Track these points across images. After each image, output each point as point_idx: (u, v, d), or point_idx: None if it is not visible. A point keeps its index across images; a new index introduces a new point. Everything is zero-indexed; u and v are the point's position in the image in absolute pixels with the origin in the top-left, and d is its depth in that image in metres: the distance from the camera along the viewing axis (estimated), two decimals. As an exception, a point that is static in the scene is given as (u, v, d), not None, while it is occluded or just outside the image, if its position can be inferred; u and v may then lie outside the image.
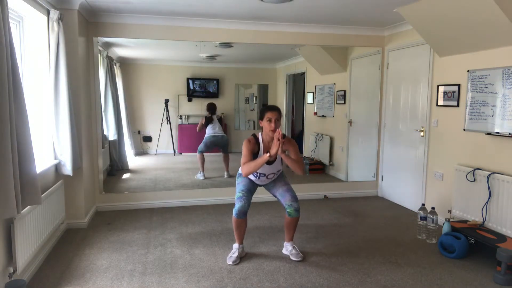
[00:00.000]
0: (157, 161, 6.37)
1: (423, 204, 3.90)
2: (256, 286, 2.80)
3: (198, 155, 5.78)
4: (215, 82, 6.42)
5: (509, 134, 3.37)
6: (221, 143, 5.94)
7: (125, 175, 5.87)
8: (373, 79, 5.36)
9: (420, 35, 4.18)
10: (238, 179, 3.34)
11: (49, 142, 3.59)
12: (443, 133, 4.21)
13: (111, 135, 5.56)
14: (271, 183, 3.36)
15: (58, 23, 3.43)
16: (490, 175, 3.53)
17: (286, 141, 3.13)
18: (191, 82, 6.34)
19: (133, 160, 6.23)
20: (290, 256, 3.27)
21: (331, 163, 6.18)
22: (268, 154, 2.96)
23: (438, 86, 4.24)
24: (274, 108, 3.13)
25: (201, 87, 6.41)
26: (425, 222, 3.76)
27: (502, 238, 3.25)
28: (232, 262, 3.14)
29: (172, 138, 6.37)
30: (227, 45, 5.22)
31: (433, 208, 3.77)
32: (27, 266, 2.84)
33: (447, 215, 4.01)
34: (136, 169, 6.10)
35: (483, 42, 3.58)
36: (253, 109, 6.88)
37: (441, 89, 4.20)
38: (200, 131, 5.90)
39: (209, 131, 5.89)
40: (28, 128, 2.55)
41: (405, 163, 4.86)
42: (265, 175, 3.23)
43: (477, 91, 3.72)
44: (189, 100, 6.38)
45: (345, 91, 5.74)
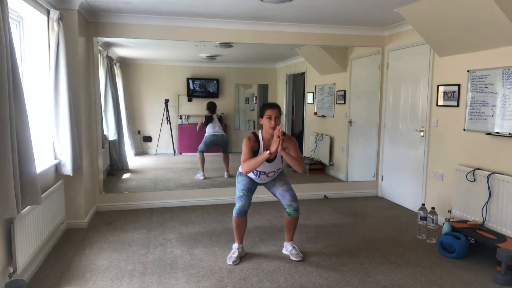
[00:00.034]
0: (157, 161, 6.37)
1: (423, 204, 3.90)
2: (256, 286, 2.80)
3: (198, 155, 5.78)
4: (215, 82, 6.42)
5: (509, 134, 3.37)
6: (221, 142, 5.93)
7: (125, 175, 5.87)
8: (373, 79, 5.36)
9: (420, 35, 4.18)
10: (238, 178, 3.34)
11: (49, 142, 3.59)
12: (443, 133, 4.21)
13: (111, 135, 5.56)
14: (271, 181, 3.35)
15: (58, 23, 3.43)
16: (490, 175, 3.53)
17: (286, 138, 3.13)
18: (191, 82, 6.34)
19: (133, 160, 6.23)
20: (290, 256, 3.27)
21: (331, 163, 6.18)
22: (268, 151, 2.96)
23: (438, 86, 4.24)
24: (274, 106, 3.13)
25: (201, 87, 6.41)
26: (425, 222, 3.76)
27: (502, 238, 3.25)
28: (232, 262, 3.14)
29: (172, 138, 6.37)
30: (227, 45, 5.22)
31: (433, 208, 3.77)
32: (27, 266, 2.84)
33: (447, 215, 4.01)
34: (136, 169, 6.10)
35: (483, 42, 3.58)
36: (253, 109, 6.87)
37: (441, 89, 4.20)
38: (200, 130, 5.90)
39: (209, 130, 5.89)
40: (28, 128, 2.56)
41: (405, 163, 4.86)
42: (265, 173, 3.23)
43: (477, 91, 3.72)
44: (189, 100, 6.37)
45: (345, 91, 5.74)
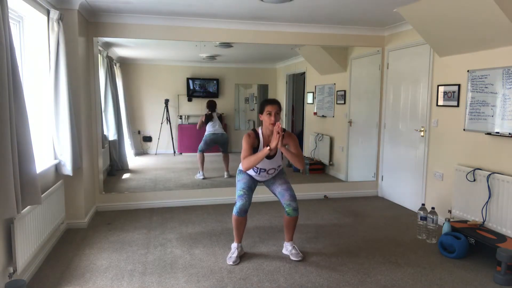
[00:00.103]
0: (157, 161, 6.37)
1: (423, 204, 3.90)
2: (256, 286, 2.80)
3: (198, 155, 5.78)
4: (215, 82, 6.42)
5: (509, 134, 3.37)
6: (221, 140, 5.93)
7: (125, 175, 5.87)
8: (373, 79, 5.36)
9: (420, 35, 4.18)
10: (239, 176, 3.33)
11: (49, 142, 3.59)
12: (443, 133, 4.21)
13: (111, 135, 5.56)
14: (271, 179, 3.35)
15: (58, 23, 3.43)
16: (490, 175, 3.53)
17: (286, 135, 3.13)
18: (191, 82, 6.34)
19: (133, 160, 6.23)
20: (290, 256, 3.27)
21: (331, 163, 6.18)
22: (268, 147, 2.95)
23: (438, 86, 4.24)
24: (273, 102, 3.12)
25: (201, 87, 6.41)
26: (425, 222, 3.76)
27: (502, 238, 3.25)
28: (232, 262, 3.14)
29: (172, 138, 6.37)
30: (227, 45, 5.22)
31: (433, 208, 3.77)
32: (27, 266, 2.84)
33: (447, 215, 4.01)
34: (136, 169, 6.10)
35: (483, 42, 3.58)
36: (253, 109, 6.87)
37: (441, 89, 4.20)
38: (200, 129, 5.89)
39: (209, 128, 5.88)
40: (28, 128, 2.56)
41: (405, 163, 4.86)
42: (265, 170, 3.22)
43: (477, 91, 3.72)
44: (189, 100, 6.37)
45: (345, 91, 5.74)
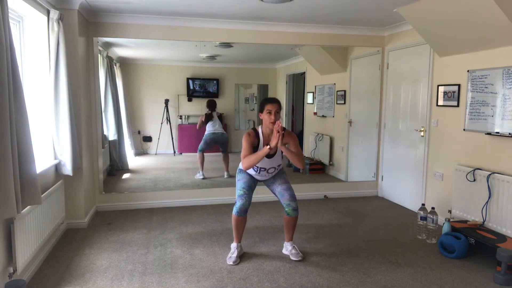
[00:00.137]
0: (157, 161, 6.37)
1: (423, 204, 3.90)
2: (256, 286, 2.80)
3: (198, 154, 5.77)
4: (215, 82, 6.42)
5: (509, 134, 3.37)
6: (221, 140, 5.93)
7: (125, 175, 5.87)
8: (373, 79, 5.36)
9: (420, 35, 4.18)
10: (239, 175, 3.32)
11: (49, 142, 3.59)
12: (443, 133, 4.21)
13: (111, 135, 5.56)
14: (271, 179, 3.34)
15: (58, 23, 3.43)
16: (490, 175, 3.53)
17: (286, 134, 3.13)
18: (191, 82, 6.34)
19: (133, 160, 6.23)
20: (290, 256, 3.27)
21: (331, 163, 6.18)
22: (268, 146, 2.94)
23: (438, 86, 4.24)
24: (274, 100, 3.11)
25: (201, 87, 6.41)
26: (425, 222, 3.76)
27: (502, 238, 3.25)
28: (232, 262, 3.14)
29: (172, 138, 6.37)
30: (227, 45, 5.21)
31: (433, 208, 3.77)
32: (27, 266, 2.84)
33: (447, 215, 4.01)
34: (136, 169, 6.10)
35: (483, 42, 3.58)
36: (253, 109, 6.87)
37: (441, 89, 4.20)
38: (200, 128, 5.89)
39: (209, 128, 5.88)
40: (28, 128, 2.56)
41: (405, 163, 4.86)
42: (265, 169, 3.22)
43: (477, 91, 3.72)
44: (189, 100, 6.37)
45: (345, 91, 5.74)
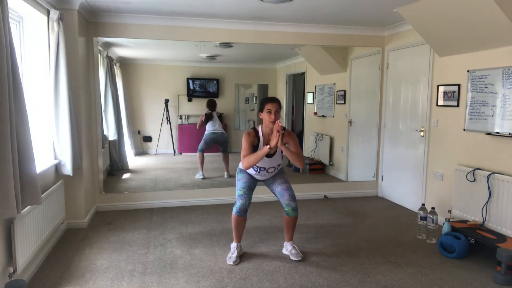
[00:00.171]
0: (157, 161, 6.37)
1: (423, 204, 3.90)
2: (256, 286, 2.80)
3: (198, 154, 5.77)
4: (215, 82, 6.42)
5: (509, 134, 3.37)
6: (221, 140, 5.92)
7: (125, 175, 5.87)
8: (373, 79, 5.36)
9: (420, 35, 4.18)
10: (239, 175, 3.32)
11: (49, 142, 3.59)
12: (443, 133, 4.21)
13: (111, 135, 5.56)
14: (270, 178, 3.34)
15: (58, 23, 3.43)
16: (490, 175, 3.53)
17: (286, 133, 3.12)
18: (191, 82, 6.34)
19: (133, 160, 6.23)
20: (290, 256, 3.27)
21: (331, 163, 6.18)
22: (268, 146, 2.94)
23: (438, 86, 4.24)
24: (273, 100, 3.11)
25: (201, 87, 6.41)
26: (425, 222, 3.76)
27: (502, 238, 3.25)
28: (232, 263, 3.14)
29: (172, 138, 6.37)
30: (227, 45, 5.21)
31: (433, 208, 3.77)
32: (27, 266, 2.84)
33: (447, 215, 4.01)
34: (136, 169, 6.10)
35: (483, 42, 3.58)
36: (253, 109, 6.87)
37: (441, 89, 4.20)
38: (200, 128, 5.89)
39: (209, 128, 5.88)
40: (28, 128, 2.56)
41: (405, 163, 4.86)
42: (265, 169, 3.22)
43: (477, 91, 3.72)
44: (189, 100, 6.37)
45: (345, 91, 5.74)
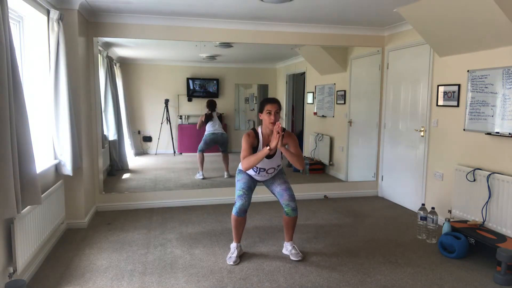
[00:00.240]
0: (157, 161, 6.36)
1: (423, 204, 3.90)
2: (256, 286, 2.80)
3: (198, 154, 5.77)
4: (215, 82, 6.42)
5: (509, 134, 3.37)
6: (221, 140, 5.93)
7: (125, 175, 5.87)
8: (373, 79, 5.36)
9: (420, 35, 4.18)
10: (238, 176, 3.32)
11: (49, 142, 3.59)
12: (443, 133, 4.21)
13: (111, 135, 5.56)
14: (270, 179, 3.34)
15: (58, 23, 3.43)
16: (490, 175, 3.53)
17: (286, 134, 3.12)
18: (191, 82, 6.33)
19: (133, 160, 6.23)
20: (290, 256, 3.27)
21: (331, 163, 6.18)
22: (268, 147, 2.94)
23: (438, 86, 4.24)
24: (273, 101, 3.10)
25: (201, 87, 6.41)
26: (425, 222, 3.76)
27: (502, 238, 3.25)
28: (233, 262, 3.14)
29: (172, 138, 6.37)
30: (227, 45, 5.21)
31: (433, 208, 3.77)
32: (27, 266, 2.84)
33: (447, 215, 4.01)
34: (136, 169, 6.10)
35: (483, 42, 3.58)
36: (253, 109, 6.87)
37: (441, 89, 4.20)
38: (200, 129, 5.89)
39: (208, 128, 5.88)
40: (28, 128, 2.56)
41: (405, 163, 4.86)
42: (265, 170, 3.22)
43: (477, 91, 3.72)
44: (189, 100, 6.37)
45: (345, 91, 5.74)
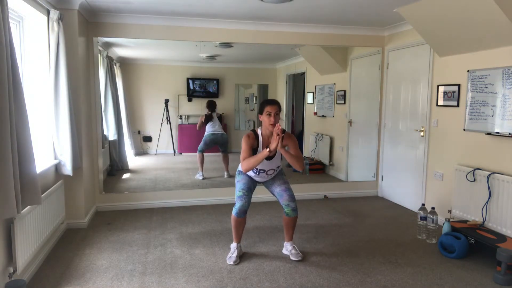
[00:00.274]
0: (157, 161, 6.36)
1: (423, 204, 3.90)
2: (256, 286, 2.80)
3: (198, 155, 5.77)
4: (215, 82, 6.42)
5: (509, 134, 3.37)
6: (221, 141, 5.93)
7: (125, 175, 5.87)
8: (373, 79, 5.36)
9: (420, 35, 4.18)
10: (238, 177, 3.32)
11: (49, 142, 3.59)
12: (443, 133, 4.21)
13: (111, 135, 5.56)
14: (270, 180, 3.34)
15: (58, 23, 3.43)
16: (490, 175, 3.53)
17: (286, 136, 3.12)
18: (191, 82, 6.33)
19: (133, 160, 6.22)
20: (290, 256, 3.27)
21: (331, 163, 6.18)
22: (268, 149, 2.94)
23: (438, 86, 4.24)
24: (273, 102, 3.10)
25: (201, 87, 6.41)
26: (425, 222, 3.76)
27: (502, 238, 3.25)
28: (233, 262, 3.14)
29: (172, 138, 6.37)
30: (227, 45, 5.21)
31: (433, 208, 3.77)
32: (27, 266, 2.84)
33: (447, 215, 4.01)
34: (136, 169, 6.10)
35: (483, 42, 3.58)
36: (253, 109, 6.86)
37: (441, 89, 4.20)
38: (200, 129, 5.89)
39: (208, 129, 5.88)
40: (28, 128, 2.56)
41: (405, 163, 4.86)
42: (264, 171, 3.22)
43: (477, 91, 3.72)
44: (189, 100, 6.37)
45: (345, 91, 5.74)
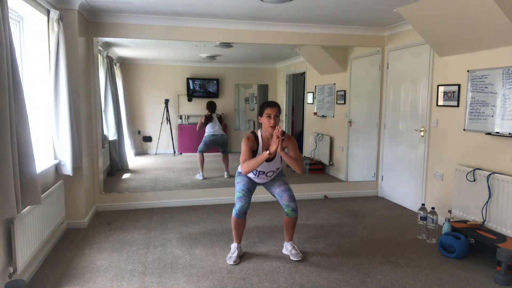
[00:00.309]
0: (157, 161, 6.36)
1: (423, 204, 3.90)
2: (256, 286, 2.80)
3: (198, 155, 5.78)
4: (215, 82, 6.42)
5: (509, 134, 3.37)
6: (221, 141, 5.93)
7: (125, 175, 5.87)
8: (373, 79, 5.36)
9: (420, 35, 4.18)
10: (238, 178, 3.33)
11: (49, 142, 3.59)
12: (443, 133, 4.21)
13: (111, 135, 5.56)
14: (269, 181, 3.35)
15: (58, 23, 3.43)
16: (490, 175, 3.53)
17: (286, 138, 3.12)
18: (191, 82, 6.33)
19: (133, 160, 6.22)
20: (290, 256, 3.27)
21: (331, 163, 6.18)
22: (267, 151, 2.94)
23: (438, 86, 4.24)
24: (273, 104, 3.10)
25: (201, 87, 6.41)
26: (425, 222, 3.76)
27: (502, 238, 3.25)
28: (233, 262, 3.15)
29: (172, 138, 6.37)
30: (227, 45, 5.21)
31: (433, 208, 3.77)
32: (27, 266, 2.84)
33: (447, 215, 4.01)
34: (136, 169, 6.10)
35: (483, 42, 3.58)
36: (253, 109, 6.86)
37: (441, 89, 4.20)
38: (199, 130, 5.89)
39: (208, 129, 5.88)
40: (28, 128, 2.56)
41: (405, 163, 4.86)
42: (264, 173, 3.23)
43: (477, 91, 3.72)
44: (189, 100, 6.37)
45: (345, 91, 5.74)
